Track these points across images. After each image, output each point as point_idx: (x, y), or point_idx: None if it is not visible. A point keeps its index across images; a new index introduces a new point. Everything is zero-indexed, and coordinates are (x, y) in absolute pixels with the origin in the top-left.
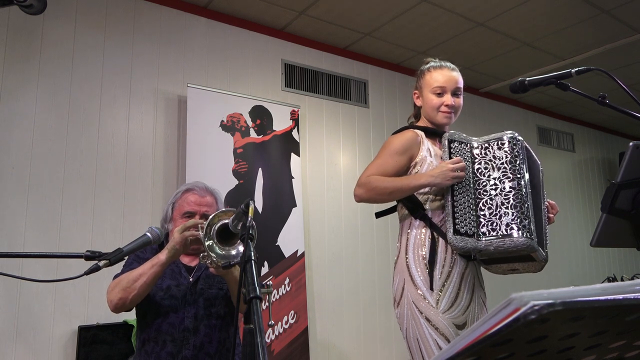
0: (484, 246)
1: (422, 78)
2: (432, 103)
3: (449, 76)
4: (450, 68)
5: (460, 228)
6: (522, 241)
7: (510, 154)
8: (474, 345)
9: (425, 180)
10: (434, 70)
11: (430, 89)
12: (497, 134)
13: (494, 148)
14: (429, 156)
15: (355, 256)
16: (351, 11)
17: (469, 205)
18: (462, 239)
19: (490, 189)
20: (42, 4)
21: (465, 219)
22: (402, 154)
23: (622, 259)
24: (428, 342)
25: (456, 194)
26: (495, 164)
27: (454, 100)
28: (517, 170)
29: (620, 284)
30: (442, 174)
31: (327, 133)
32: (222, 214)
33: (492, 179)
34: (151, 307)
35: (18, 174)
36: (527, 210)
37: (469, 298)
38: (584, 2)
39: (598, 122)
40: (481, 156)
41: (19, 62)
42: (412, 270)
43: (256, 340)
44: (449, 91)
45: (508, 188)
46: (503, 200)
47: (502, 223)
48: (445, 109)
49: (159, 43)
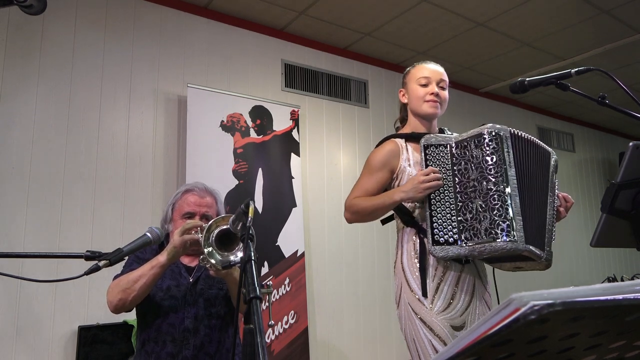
0: (467, 252)
1: (408, 74)
2: (417, 93)
3: (434, 69)
4: (436, 64)
5: (439, 238)
6: (501, 245)
7: (489, 149)
8: (473, 345)
9: (398, 197)
10: (418, 65)
11: (415, 80)
12: (476, 129)
13: (472, 146)
14: (407, 167)
15: (356, 256)
16: (351, 11)
17: (449, 212)
18: (442, 249)
19: (470, 192)
20: (42, 4)
21: (446, 227)
22: (381, 169)
23: (622, 259)
24: (424, 343)
25: (434, 202)
26: (474, 163)
27: (439, 92)
28: (497, 167)
29: (620, 284)
30: (413, 188)
31: (327, 133)
32: (221, 220)
33: (471, 181)
34: (151, 307)
35: (18, 174)
36: (510, 209)
37: (467, 300)
38: (584, 2)
39: (598, 122)
40: (460, 156)
41: (19, 62)
42: (407, 275)
43: (256, 340)
44: (434, 81)
45: (486, 189)
46: (482, 203)
47: (481, 228)
48: (430, 97)
49: (159, 43)
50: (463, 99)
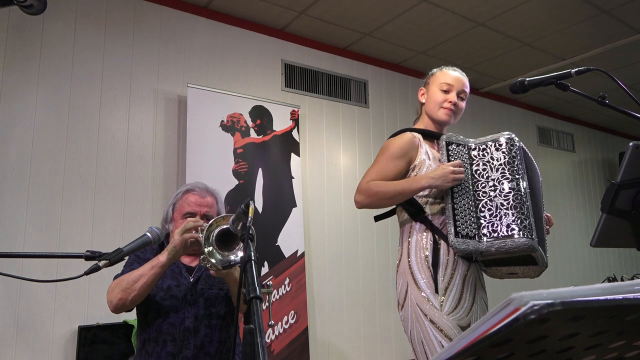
0: (485, 247)
1: (433, 75)
2: (436, 98)
3: (459, 78)
4: (462, 73)
5: (461, 230)
6: (523, 241)
7: (508, 154)
8: (473, 345)
9: (426, 182)
10: (445, 70)
11: (437, 84)
12: (493, 135)
13: (492, 149)
14: (427, 159)
15: (355, 256)
16: (351, 11)
17: (469, 208)
18: (464, 242)
19: (490, 190)
20: (42, 4)
21: (466, 221)
22: (401, 157)
23: (622, 259)
24: (433, 344)
25: (456, 197)
26: (494, 165)
27: (458, 102)
28: (516, 170)
29: (620, 284)
30: (442, 175)
31: (327, 133)
32: (221, 220)
33: (491, 180)
34: (152, 307)
35: (18, 174)
36: (527, 210)
37: (471, 299)
38: (584, 2)
39: (598, 122)
40: (479, 158)
41: (19, 62)
42: (415, 274)
43: (256, 340)
44: (455, 90)
45: (507, 189)
46: (503, 201)
47: (502, 224)
48: (448, 105)
49: (159, 43)
50: None
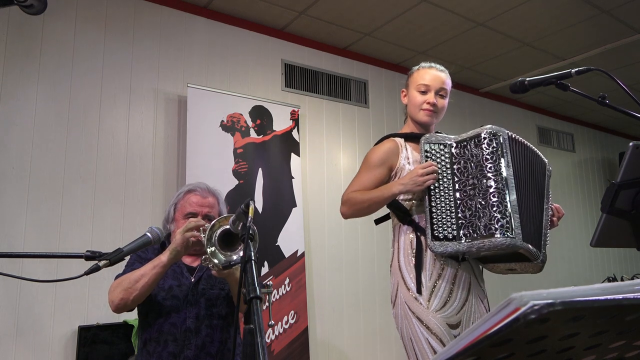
0: (466, 248)
1: (411, 76)
2: (415, 100)
3: (435, 76)
4: (439, 69)
5: (438, 234)
6: (501, 240)
7: (487, 149)
8: (473, 345)
9: (396, 189)
10: (422, 69)
11: (415, 86)
12: (475, 130)
13: (471, 146)
14: (407, 164)
15: (356, 256)
16: (351, 11)
17: (448, 209)
18: (441, 244)
19: (469, 189)
20: (42, 4)
21: (444, 223)
22: (380, 166)
23: (622, 259)
24: (420, 342)
25: (433, 199)
26: (473, 162)
27: (437, 100)
28: (497, 166)
29: (620, 284)
30: (411, 180)
31: (327, 133)
32: (224, 220)
33: (471, 178)
34: (153, 307)
35: (18, 174)
36: (507, 208)
37: (463, 298)
38: (584, 2)
39: (598, 122)
40: (460, 155)
41: (19, 62)
42: (403, 274)
43: (256, 340)
44: (433, 90)
45: (485, 187)
46: (481, 200)
47: (480, 224)
48: (427, 106)
49: (159, 43)
50: (463, 99)
